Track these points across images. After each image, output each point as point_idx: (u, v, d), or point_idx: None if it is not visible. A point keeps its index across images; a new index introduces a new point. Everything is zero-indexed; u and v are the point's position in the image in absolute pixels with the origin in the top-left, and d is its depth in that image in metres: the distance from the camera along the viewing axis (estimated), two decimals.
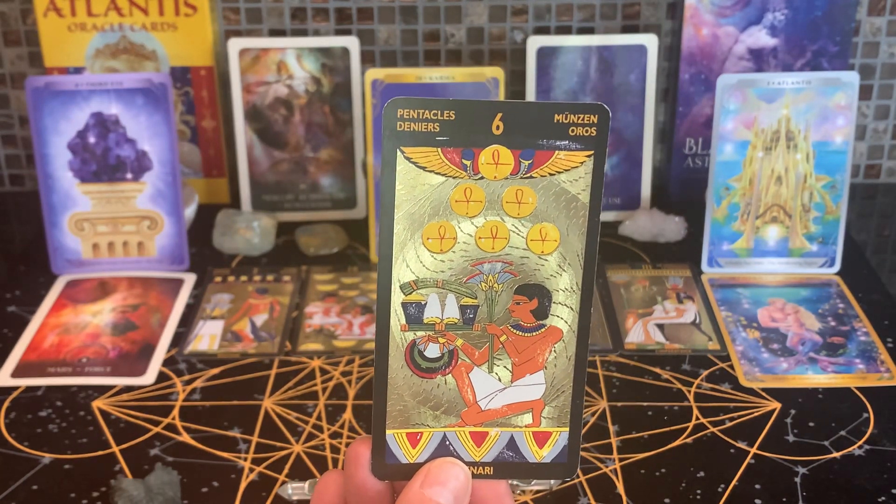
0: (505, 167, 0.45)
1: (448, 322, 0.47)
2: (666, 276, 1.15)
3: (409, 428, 0.47)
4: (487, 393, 0.47)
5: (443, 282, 0.46)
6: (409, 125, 0.44)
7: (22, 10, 1.29)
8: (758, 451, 0.89)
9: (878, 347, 1.03)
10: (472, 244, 0.46)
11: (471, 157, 0.45)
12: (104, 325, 1.07)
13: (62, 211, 1.14)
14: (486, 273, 0.46)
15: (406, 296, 0.46)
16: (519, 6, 1.29)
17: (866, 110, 1.35)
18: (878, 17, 1.30)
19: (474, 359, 0.47)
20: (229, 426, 0.93)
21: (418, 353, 0.47)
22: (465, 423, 0.48)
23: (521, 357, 0.47)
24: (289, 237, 1.24)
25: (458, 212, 0.46)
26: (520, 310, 0.47)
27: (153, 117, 1.13)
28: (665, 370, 1.00)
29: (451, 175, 0.45)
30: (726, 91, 1.10)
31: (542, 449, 0.48)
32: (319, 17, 1.29)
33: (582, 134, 0.45)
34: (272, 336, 1.06)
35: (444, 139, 0.45)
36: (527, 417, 0.48)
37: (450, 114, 0.44)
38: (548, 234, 0.46)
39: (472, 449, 0.48)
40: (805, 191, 1.13)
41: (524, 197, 0.46)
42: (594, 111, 0.45)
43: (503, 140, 0.45)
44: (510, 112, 0.44)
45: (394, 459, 0.47)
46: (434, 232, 0.46)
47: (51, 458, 0.90)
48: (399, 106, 0.44)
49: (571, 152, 0.45)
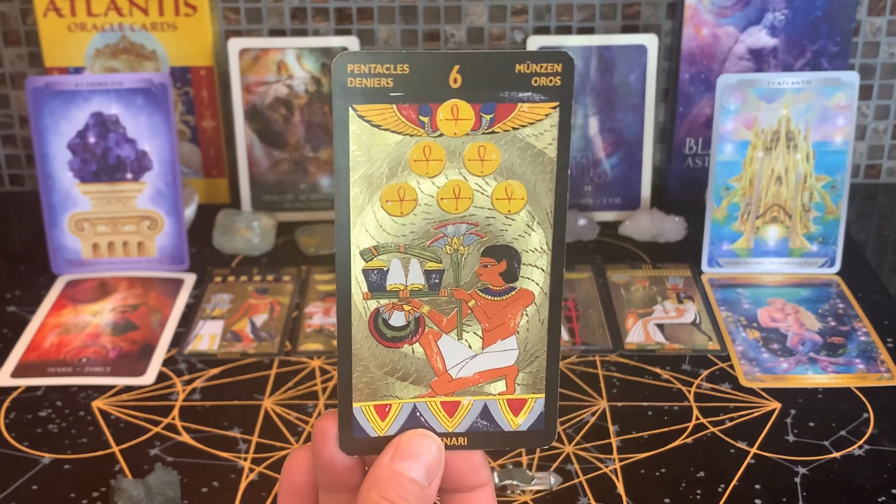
0: (465, 122, 0.42)
1: (413, 288, 0.44)
2: (666, 276, 1.15)
3: (376, 400, 0.45)
4: (458, 361, 0.45)
5: (405, 246, 0.44)
6: (361, 81, 0.41)
7: (22, 10, 1.29)
8: (758, 451, 0.89)
9: (879, 347, 1.03)
10: (433, 205, 0.44)
11: (428, 113, 0.42)
12: (104, 325, 1.07)
13: (62, 211, 1.14)
14: (451, 235, 0.44)
15: (367, 262, 0.44)
16: (519, 6, 1.29)
17: (866, 110, 1.35)
18: (878, 17, 1.30)
19: (442, 326, 0.45)
20: (229, 426, 0.93)
21: (383, 321, 0.45)
22: (436, 393, 0.46)
23: (492, 322, 0.45)
24: (289, 237, 1.24)
25: (417, 172, 0.43)
26: (488, 273, 0.45)
27: (153, 117, 1.13)
28: (665, 370, 1.00)
29: (408, 133, 0.42)
30: (726, 91, 1.10)
31: (518, 417, 0.46)
32: (319, 17, 1.29)
33: (546, 84, 0.42)
34: (272, 336, 1.06)
35: (398, 95, 0.42)
36: (500, 385, 0.46)
37: (403, 67, 0.41)
38: (514, 192, 0.44)
39: (444, 419, 0.46)
40: (805, 191, 1.13)
41: (487, 154, 0.43)
42: (558, 59, 0.42)
43: (462, 94, 0.42)
44: (468, 63, 0.42)
45: (362, 433, 0.45)
46: (393, 194, 0.43)
47: (51, 458, 0.90)
48: (348, 60, 0.41)
49: (535, 104, 0.43)
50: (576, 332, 1.05)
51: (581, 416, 0.94)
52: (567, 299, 1.10)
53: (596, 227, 1.24)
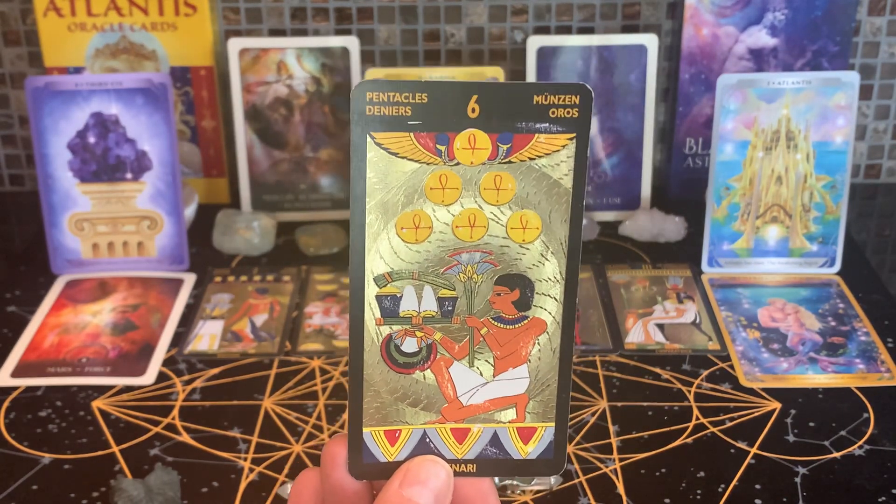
0: (482, 152, 0.43)
1: (425, 315, 0.45)
2: (666, 276, 1.15)
3: (386, 426, 0.45)
4: (469, 388, 0.46)
5: (419, 273, 0.44)
6: (380, 109, 0.42)
7: (22, 10, 1.29)
8: (758, 451, 0.89)
9: (879, 347, 1.03)
10: (448, 233, 0.44)
11: (445, 141, 0.43)
12: (104, 325, 1.07)
13: (62, 211, 1.14)
14: (465, 263, 0.44)
15: (380, 288, 0.44)
16: (519, 6, 1.29)
17: (866, 110, 1.35)
18: (879, 17, 1.30)
19: (454, 353, 0.45)
20: (229, 426, 0.93)
21: (395, 347, 0.45)
22: (446, 420, 0.46)
23: (504, 350, 0.46)
24: (289, 237, 1.24)
25: (433, 200, 0.43)
26: (501, 301, 0.45)
27: (153, 117, 1.13)
28: (665, 370, 1.00)
29: (425, 161, 0.43)
30: (726, 91, 1.10)
31: (528, 445, 0.47)
32: (319, 17, 1.29)
33: (563, 116, 0.43)
34: (272, 336, 1.06)
35: (416, 123, 0.42)
36: (510, 413, 0.46)
37: (422, 96, 0.42)
38: (529, 221, 0.44)
39: (453, 446, 0.46)
40: (805, 191, 1.13)
41: (503, 183, 0.43)
42: (576, 91, 0.42)
43: (479, 123, 0.43)
44: (486, 94, 0.42)
45: (372, 458, 0.45)
46: (408, 221, 0.44)
47: (51, 458, 0.90)
48: (368, 89, 0.42)
49: (552, 135, 0.43)
50: (576, 332, 1.05)
51: (581, 416, 0.93)
52: None
53: (596, 227, 1.24)
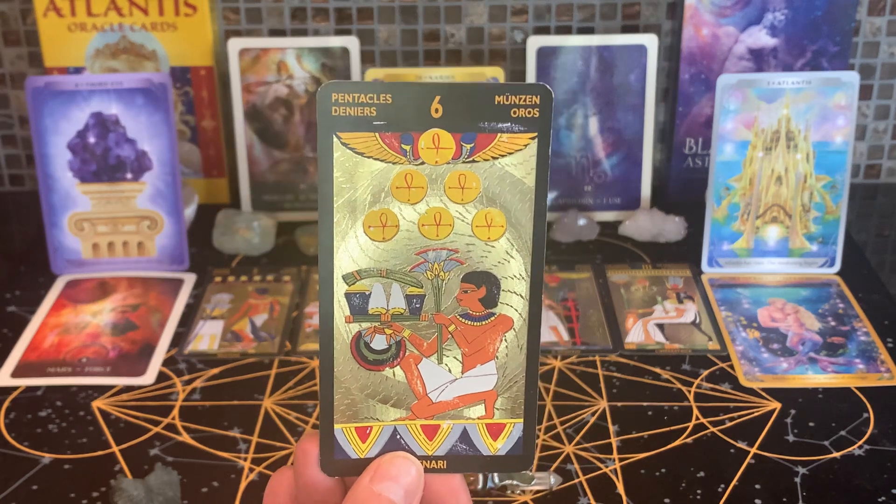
0: (446, 151, 0.44)
1: (394, 312, 0.46)
2: (666, 276, 1.15)
3: (357, 422, 0.46)
4: (438, 385, 0.46)
5: (387, 271, 0.45)
6: (345, 110, 0.43)
7: (22, 10, 1.29)
8: (758, 451, 0.89)
9: (879, 347, 1.03)
10: (415, 231, 0.45)
11: (410, 141, 0.43)
12: (104, 325, 1.07)
13: (62, 211, 1.14)
14: (432, 261, 0.45)
15: (349, 286, 0.45)
16: (519, 6, 1.29)
17: (866, 110, 1.35)
18: (878, 17, 1.30)
19: (423, 350, 0.46)
20: (229, 426, 0.93)
21: (364, 345, 0.46)
22: (416, 416, 0.46)
23: (471, 347, 0.46)
24: (289, 237, 1.24)
25: (399, 198, 0.44)
26: (468, 298, 0.46)
27: (153, 117, 1.13)
28: (665, 370, 1.00)
29: (390, 161, 0.44)
30: (726, 91, 1.10)
31: (497, 441, 0.47)
32: (319, 17, 1.29)
33: (525, 115, 0.44)
34: (272, 336, 1.06)
35: (381, 124, 0.43)
36: (479, 409, 0.47)
37: (386, 97, 0.43)
38: (493, 219, 0.45)
39: (423, 443, 0.47)
40: (805, 191, 1.13)
41: (467, 182, 0.44)
42: (536, 91, 0.43)
43: (443, 123, 0.43)
44: (449, 94, 0.43)
45: (343, 455, 0.46)
46: (375, 220, 0.44)
47: (51, 458, 0.90)
48: (333, 90, 0.42)
49: (514, 134, 0.44)
50: (576, 332, 1.05)
51: (581, 416, 0.93)
52: (567, 299, 1.10)
53: (596, 227, 1.24)
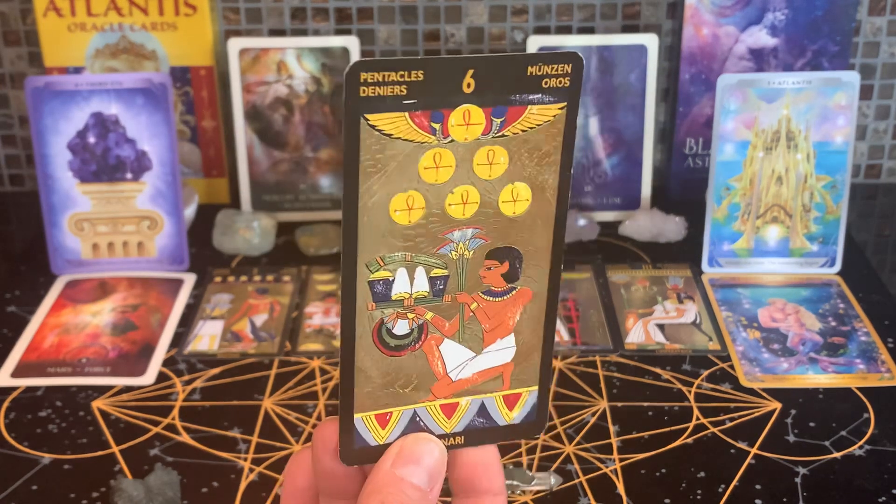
0: (476, 127, 0.42)
1: (417, 296, 0.44)
2: (666, 276, 1.15)
3: (378, 409, 0.45)
4: (458, 363, 0.45)
5: (412, 255, 0.43)
6: (374, 89, 0.40)
7: (22, 10, 1.29)
8: (758, 451, 0.89)
9: (879, 347, 1.03)
10: (441, 212, 0.43)
11: (440, 119, 0.41)
12: (104, 325, 1.07)
13: (62, 211, 1.14)
14: (457, 241, 0.43)
15: (373, 273, 0.43)
16: (519, 6, 1.29)
17: (867, 110, 1.35)
18: (879, 17, 1.30)
19: (444, 331, 0.45)
20: (229, 426, 0.93)
21: (386, 331, 0.44)
22: (436, 397, 0.45)
23: (492, 322, 0.45)
24: (289, 237, 1.24)
25: (427, 179, 0.42)
26: (491, 275, 0.44)
27: (153, 117, 1.13)
28: (665, 370, 1.00)
29: (419, 140, 0.41)
30: (726, 91, 1.10)
31: (513, 411, 0.46)
32: (319, 17, 1.29)
33: (556, 85, 0.42)
34: (272, 336, 1.05)
35: (411, 102, 0.40)
36: (497, 382, 0.46)
37: (418, 74, 0.40)
38: (519, 193, 0.43)
39: (442, 422, 0.45)
40: (805, 191, 1.12)
41: (495, 157, 0.42)
42: (568, 60, 0.41)
43: (474, 98, 0.41)
44: (482, 67, 0.41)
45: (363, 443, 0.45)
46: (402, 203, 0.42)
47: (50, 458, 0.90)
48: (361, 69, 0.39)
49: (545, 106, 0.42)
50: (576, 332, 1.05)
51: (581, 416, 0.93)
52: (567, 299, 1.10)
53: (596, 227, 1.24)
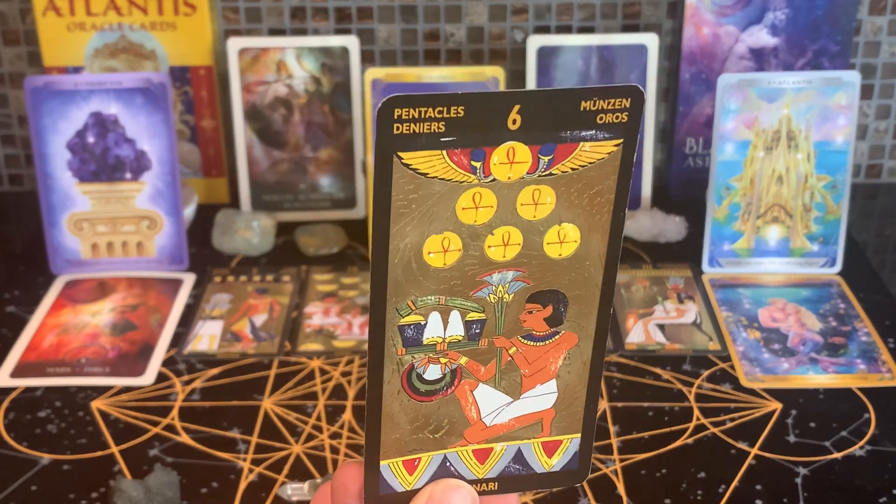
0: (521, 166, 0.38)
1: (451, 340, 0.41)
2: (666, 276, 1.15)
3: (405, 455, 0.42)
4: (493, 409, 0.42)
5: (445, 299, 0.40)
6: (409, 127, 0.37)
7: (21, 10, 1.29)
8: (759, 451, 0.89)
9: (880, 348, 1.03)
10: (479, 254, 0.39)
11: (481, 157, 0.38)
12: (103, 325, 1.07)
13: (61, 211, 1.14)
14: (496, 284, 0.40)
15: (403, 318, 0.40)
16: (519, 6, 1.29)
17: (867, 110, 1.35)
18: (879, 17, 1.30)
19: (479, 375, 0.42)
20: (229, 426, 0.93)
21: (416, 376, 0.41)
22: (468, 442, 0.42)
23: (532, 368, 0.42)
24: (288, 237, 1.24)
25: (464, 220, 0.39)
26: (532, 319, 0.41)
27: (152, 117, 1.13)
28: (666, 370, 1.00)
29: (457, 180, 0.38)
30: (727, 91, 1.10)
31: (552, 458, 0.44)
32: (319, 17, 1.29)
33: (612, 121, 0.38)
34: (272, 336, 1.05)
35: (450, 140, 0.37)
36: (536, 428, 0.43)
37: (458, 110, 0.37)
38: (567, 235, 0.40)
39: (474, 467, 0.43)
40: (806, 191, 1.12)
41: (542, 197, 0.39)
42: (627, 94, 0.38)
43: (520, 135, 0.38)
44: (529, 103, 0.37)
45: (388, 490, 0.42)
46: (436, 245, 0.39)
47: (50, 458, 0.89)
48: (397, 105, 0.36)
49: (598, 143, 0.39)
50: None
51: None
52: None
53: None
